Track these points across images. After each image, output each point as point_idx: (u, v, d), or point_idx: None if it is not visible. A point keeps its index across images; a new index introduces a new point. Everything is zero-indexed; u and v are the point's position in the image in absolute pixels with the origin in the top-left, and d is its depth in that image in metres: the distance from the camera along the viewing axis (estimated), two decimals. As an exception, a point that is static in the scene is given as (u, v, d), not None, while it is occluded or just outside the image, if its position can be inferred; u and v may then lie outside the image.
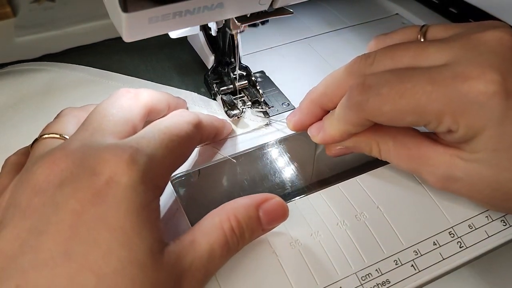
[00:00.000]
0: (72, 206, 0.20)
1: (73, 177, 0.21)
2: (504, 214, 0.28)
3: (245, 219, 0.24)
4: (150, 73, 0.40)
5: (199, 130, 0.27)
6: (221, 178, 0.31)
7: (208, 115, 0.30)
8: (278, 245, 0.26)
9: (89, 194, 0.21)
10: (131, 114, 0.26)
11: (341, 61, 0.41)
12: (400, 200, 0.29)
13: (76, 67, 0.40)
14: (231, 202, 0.25)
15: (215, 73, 0.37)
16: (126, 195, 0.21)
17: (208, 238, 0.23)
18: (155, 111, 0.28)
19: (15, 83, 0.38)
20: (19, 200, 0.22)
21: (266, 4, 0.27)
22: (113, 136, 0.24)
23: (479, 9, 0.42)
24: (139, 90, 0.28)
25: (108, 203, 0.21)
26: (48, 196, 0.21)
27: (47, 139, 0.26)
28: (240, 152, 0.32)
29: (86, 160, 0.22)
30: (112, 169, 0.21)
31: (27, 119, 0.35)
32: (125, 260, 0.20)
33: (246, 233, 0.24)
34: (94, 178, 0.21)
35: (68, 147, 0.23)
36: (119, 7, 0.21)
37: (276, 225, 0.26)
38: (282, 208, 0.26)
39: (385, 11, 0.49)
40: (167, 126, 0.25)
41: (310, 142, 0.30)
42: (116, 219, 0.20)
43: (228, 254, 0.24)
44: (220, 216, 0.24)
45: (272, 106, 0.35)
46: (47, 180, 0.21)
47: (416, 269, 0.26)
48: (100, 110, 0.25)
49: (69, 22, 0.42)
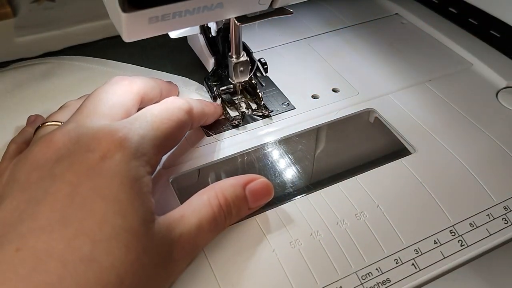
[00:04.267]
0: (68, 178, 0.22)
1: (69, 153, 0.23)
2: (506, 212, 0.28)
3: (232, 197, 0.26)
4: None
5: (190, 115, 0.28)
6: (221, 178, 0.31)
7: (198, 100, 0.31)
8: (278, 245, 0.26)
9: (85, 168, 0.22)
10: (124, 100, 0.27)
11: (341, 61, 0.41)
12: (400, 199, 0.29)
13: (73, 58, 0.41)
14: (219, 182, 0.26)
15: (215, 76, 0.37)
16: (119, 169, 0.22)
17: (196, 213, 0.24)
18: (148, 98, 0.30)
19: (14, 74, 0.40)
20: (18, 175, 0.23)
21: (266, 4, 0.27)
22: (107, 119, 0.25)
23: (479, 9, 0.42)
24: (133, 78, 0.29)
25: (103, 176, 0.22)
26: (46, 170, 0.22)
27: (49, 126, 0.28)
28: (240, 152, 0.32)
29: (82, 138, 0.23)
30: (106, 146, 0.23)
31: (23, 102, 0.37)
32: (119, 227, 0.21)
33: (233, 210, 0.26)
34: (89, 154, 0.22)
35: (65, 127, 0.24)
36: (119, 7, 0.21)
37: (262, 204, 0.27)
38: (267, 187, 0.27)
39: (385, 11, 0.49)
40: (159, 110, 0.26)
41: (310, 142, 0.30)
42: (110, 190, 0.22)
43: (216, 229, 0.25)
44: (209, 194, 0.25)
45: (272, 111, 0.35)
46: (44, 157, 0.23)
47: (417, 268, 0.26)
48: (96, 95, 0.27)
49: (69, 22, 0.42)
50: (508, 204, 0.29)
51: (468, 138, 0.33)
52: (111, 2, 0.22)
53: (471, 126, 0.34)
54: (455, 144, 0.32)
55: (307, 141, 0.35)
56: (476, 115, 0.35)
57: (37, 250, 0.20)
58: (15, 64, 0.41)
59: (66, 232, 0.20)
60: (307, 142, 0.35)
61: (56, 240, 0.20)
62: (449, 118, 0.35)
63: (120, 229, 0.21)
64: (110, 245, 0.21)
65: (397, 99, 0.37)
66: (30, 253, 0.20)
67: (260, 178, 0.27)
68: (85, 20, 0.42)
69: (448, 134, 0.33)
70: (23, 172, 0.23)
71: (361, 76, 0.39)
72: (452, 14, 0.46)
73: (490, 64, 0.40)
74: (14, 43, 0.40)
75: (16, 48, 0.41)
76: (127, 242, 0.21)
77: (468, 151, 0.32)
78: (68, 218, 0.21)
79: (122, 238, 0.21)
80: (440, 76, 0.39)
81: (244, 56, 0.33)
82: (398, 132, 0.33)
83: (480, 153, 0.32)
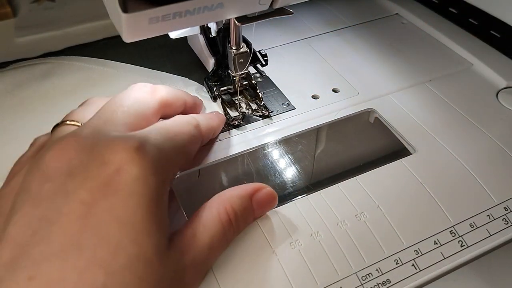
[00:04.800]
0: (82, 196, 0.21)
1: (83, 165, 0.22)
2: (506, 212, 0.28)
3: (241, 210, 0.25)
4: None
5: (199, 130, 0.28)
6: (221, 178, 0.31)
7: (204, 115, 0.31)
8: (278, 245, 0.26)
9: (99, 183, 0.21)
10: (145, 108, 0.26)
11: (341, 61, 0.41)
12: (400, 199, 0.29)
13: (73, 58, 0.41)
14: (226, 193, 0.26)
15: (215, 76, 0.37)
16: (136, 187, 0.21)
17: (208, 231, 0.24)
18: (171, 108, 0.29)
19: (14, 74, 0.40)
20: (29, 185, 0.22)
21: (266, 4, 0.26)
22: (125, 127, 0.24)
23: (479, 9, 0.42)
24: (157, 86, 0.28)
25: (118, 195, 0.21)
26: (58, 184, 0.21)
27: (68, 125, 0.26)
28: (240, 152, 0.32)
29: (96, 148, 0.22)
30: (122, 157, 0.21)
31: (23, 102, 0.36)
32: (133, 256, 0.20)
33: (241, 222, 0.25)
34: (103, 167, 0.21)
35: (79, 133, 0.23)
36: (119, 8, 0.21)
37: (266, 212, 0.27)
38: (272, 197, 0.27)
39: (385, 11, 0.49)
40: (170, 124, 0.26)
41: (310, 142, 0.30)
42: (126, 212, 0.21)
43: (225, 245, 0.25)
44: (218, 208, 0.25)
45: (272, 111, 0.35)
46: (56, 166, 0.22)
47: (417, 269, 0.26)
48: (116, 101, 0.26)
49: (69, 22, 0.42)
50: (508, 204, 0.29)
51: (468, 138, 0.33)
52: (111, 3, 0.22)
53: (471, 126, 0.34)
54: (455, 144, 0.32)
55: (307, 141, 0.35)
56: (476, 115, 0.35)
57: (50, 281, 0.19)
58: (15, 64, 0.41)
59: (79, 260, 0.20)
60: (307, 142, 0.34)
61: (69, 269, 0.19)
62: (449, 118, 0.35)
63: (134, 259, 0.20)
64: (123, 277, 0.20)
65: (397, 99, 0.37)
66: (43, 283, 0.19)
67: (265, 188, 0.27)
68: (85, 20, 0.42)
69: (448, 134, 0.33)
70: (34, 183, 0.22)
71: (361, 76, 0.39)
72: (452, 14, 0.46)
73: (490, 64, 0.40)
74: (14, 43, 0.40)
75: (16, 48, 0.41)
76: (141, 273, 0.20)
77: (468, 151, 0.32)
78: (81, 244, 0.20)
79: (136, 269, 0.20)
80: (440, 76, 0.39)
81: (244, 48, 0.33)
82: (398, 132, 0.33)
83: (480, 154, 0.32)
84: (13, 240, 0.20)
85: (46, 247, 0.20)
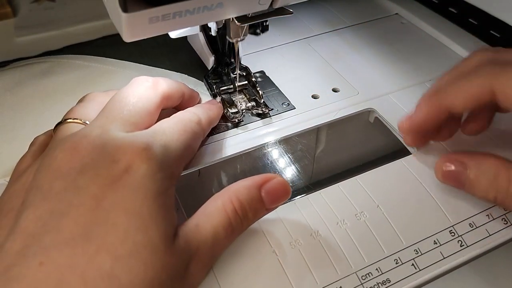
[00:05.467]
0: (92, 191, 0.22)
1: (94, 163, 0.23)
2: (505, 212, 0.28)
3: (248, 200, 0.25)
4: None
5: (201, 126, 0.29)
6: (221, 178, 0.31)
7: (201, 107, 0.31)
8: (278, 245, 0.26)
9: (109, 180, 0.22)
10: (149, 104, 0.27)
11: (341, 61, 0.41)
12: (400, 199, 0.29)
13: (72, 56, 0.41)
14: (233, 185, 0.26)
15: (215, 74, 0.37)
16: (144, 182, 0.22)
17: (211, 221, 0.24)
18: (170, 100, 0.30)
19: (14, 72, 0.40)
20: (41, 182, 0.23)
21: (266, 4, 0.27)
22: (132, 126, 0.25)
23: (479, 9, 0.42)
24: (157, 79, 0.29)
25: (127, 189, 0.22)
26: (70, 181, 0.22)
27: (70, 123, 0.27)
28: (240, 152, 0.32)
29: (106, 148, 0.23)
30: (131, 157, 0.23)
31: (23, 101, 0.37)
32: (140, 243, 0.21)
33: (250, 213, 0.25)
34: (113, 165, 0.22)
35: (90, 134, 0.24)
36: (119, 7, 0.21)
37: (280, 203, 0.26)
38: (284, 186, 0.26)
39: (385, 11, 0.49)
40: (174, 123, 0.27)
41: (310, 142, 0.31)
42: (134, 204, 0.22)
43: (232, 234, 0.25)
44: (223, 199, 0.25)
45: (272, 109, 0.35)
46: (68, 165, 0.23)
47: (417, 268, 0.26)
48: (121, 99, 0.27)
49: (69, 22, 0.42)
50: (508, 204, 0.29)
51: (468, 138, 0.33)
52: (111, 2, 0.22)
53: (471, 126, 0.34)
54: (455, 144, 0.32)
55: (307, 141, 0.35)
56: (476, 115, 0.35)
57: (60, 265, 0.20)
58: (15, 63, 0.41)
59: (88, 247, 0.21)
60: (307, 142, 0.35)
61: (79, 255, 0.20)
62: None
63: (140, 246, 0.21)
64: (130, 262, 0.21)
65: (397, 99, 0.37)
66: (53, 268, 0.20)
67: (276, 178, 0.26)
68: (85, 20, 0.42)
69: (448, 134, 0.33)
70: (46, 180, 0.23)
71: (361, 76, 0.39)
72: (452, 14, 0.46)
73: (490, 64, 0.40)
74: (14, 43, 0.40)
75: (16, 48, 0.41)
76: (147, 259, 0.21)
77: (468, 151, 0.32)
78: (91, 233, 0.21)
79: (142, 255, 0.21)
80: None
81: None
82: (398, 132, 0.33)
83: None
84: (24, 231, 0.21)
85: (57, 235, 0.21)
